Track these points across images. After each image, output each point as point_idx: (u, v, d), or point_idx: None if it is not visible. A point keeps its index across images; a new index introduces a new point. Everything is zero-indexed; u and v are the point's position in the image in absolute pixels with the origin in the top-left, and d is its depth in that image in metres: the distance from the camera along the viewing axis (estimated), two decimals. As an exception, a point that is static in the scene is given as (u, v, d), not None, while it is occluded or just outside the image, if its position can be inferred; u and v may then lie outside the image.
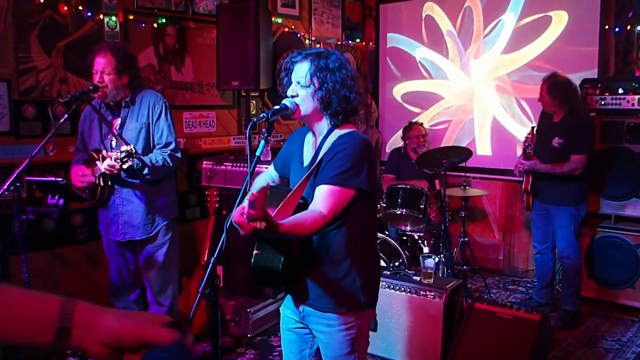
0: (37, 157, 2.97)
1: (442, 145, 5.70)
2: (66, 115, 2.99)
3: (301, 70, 2.13)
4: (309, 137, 2.29)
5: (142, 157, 3.14)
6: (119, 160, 2.95)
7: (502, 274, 5.70)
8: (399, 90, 6.35)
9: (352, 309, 2.14)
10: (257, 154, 2.08)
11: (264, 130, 2.13)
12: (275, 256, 1.99)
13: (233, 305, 4.26)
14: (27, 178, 3.32)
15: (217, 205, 4.23)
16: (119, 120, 3.30)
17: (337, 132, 2.14)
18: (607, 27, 4.95)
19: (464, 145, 5.65)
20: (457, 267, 4.89)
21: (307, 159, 2.23)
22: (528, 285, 5.35)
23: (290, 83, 2.17)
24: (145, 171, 3.18)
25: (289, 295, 2.31)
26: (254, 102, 5.37)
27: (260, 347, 4.08)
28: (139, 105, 3.31)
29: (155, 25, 4.60)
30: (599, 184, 4.62)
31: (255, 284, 4.26)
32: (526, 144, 4.47)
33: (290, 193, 1.98)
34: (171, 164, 3.29)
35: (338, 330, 2.14)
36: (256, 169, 2.17)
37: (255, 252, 2.02)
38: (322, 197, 2.00)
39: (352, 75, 2.14)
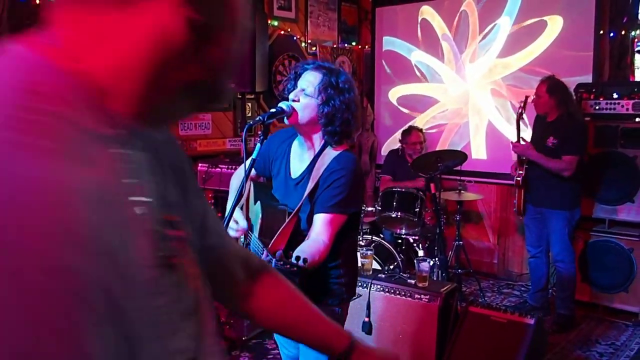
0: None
1: (437, 149, 5.71)
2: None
3: (310, 79, 2.14)
4: (296, 147, 2.29)
5: None
6: None
7: (496, 277, 5.71)
8: (395, 93, 6.36)
9: (338, 302, 2.28)
10: (253, 156, 2.09)
11: (259, 132, 2.13)
12: None
13: (228, 308, 4.25)
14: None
15: (212, 207, 4.23)
16: None
17: (332, 153, 2.17)
18: (601, 32, 4.98)
19: (459, 148, 5.66)
20: (452, 271, 4.90)
21: (296, 172, 2.25)
22: (522, 289, 5.36)
23: (295, 87, 2.18)
24: None
25: None
26: (249, 104, 5.37)
27: (255, 350, 4.07)
28: None
29: (151, 27, 4.59)
30: (593, 188, 4.64)
31: None
32: (519, 113, 4.56)
33: (291, 217, 2.09)
34: None
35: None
36: (251, 171, 2.17)
37: None
38: (324, 227, 2.08)
39: (356, 101, 2.19)
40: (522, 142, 4.48)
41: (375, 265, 4.15)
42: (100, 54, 0.65)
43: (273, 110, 2.15)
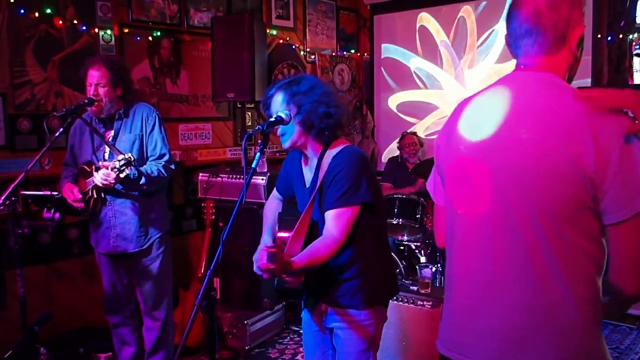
0: (32, 171, 2.96)
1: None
2: (62, 129, 2.98)
3: (277, 102, 2.23)
4: (305, 158, 2.38)
5: (138, 167, 3.14)
6: (116, 170, 2.94)
7: (499, 283, 5.69)
8: (394, 100, 6.37)
9: (370, 306, 2.26)
10: (253, 165, 2.08)
11: (259, 141, 2.13)
12: (296, 278, 2.09)
13: (230, 318, 4.24)
14: (22, 192, 3.32)
15: (213, 217, 4.22)
16: (111, 133, 3.28)
17: (331, 152, 2.22)
18: (599, 36, 4.99)
19: (459, 154, 5.66)
20: (455, 277, 4.88)
21: (308, 181, 2.34)
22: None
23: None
24: (142, 181, 3.16)
25: (309, 300, 2.42)
26: (249, 113, 5.38)
27: (258, 360, 4.06)
28: (132, 117, 3.30)
29: (150, 38, 4.61)
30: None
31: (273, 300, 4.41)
32: None
33: (300, 220, 2.12)
34: (165, 175, 3.28)
35: (357, 326, 2.27)
36: (252, 180, 2.17)
37: (277, 279, 2.09)
38: (332, 221, 2.13)
39: (327, 92, 2.22)
40: None
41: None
42: (560, 71, 1.53)
43: (272, 119, 2.15)
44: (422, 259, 4.71)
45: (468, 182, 1.54)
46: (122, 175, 2.98)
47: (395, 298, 3.71)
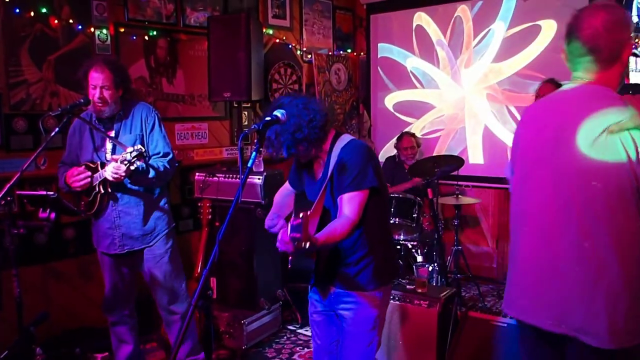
0: (28, 170, 2.95)
1: (434, 154, 5.72)
2: (57, 129, 2.97)
3: (272, 140, 2.40)
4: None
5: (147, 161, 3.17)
6: (126, 162, 2.97)
7: (496, 282, 5.70)
8: (391, 99, 6.37)
9: (375, 287, 2.47)
10: (249, 165, 2.08)
11: (255, 141, 2.13)
12: (309, 259, 2.38)
13: (227, 317, 4.24)
14: (18, 192, 3.30)
15: (210, 216, 4.21)
16: (112, 133, 3.29)
17: (338, 146, 2.43)
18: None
19: (456, 153, 5.67)
20: (451, 276, 4.89)
21: (318, 174, 2.54)
22: (522, 292, 5.34)
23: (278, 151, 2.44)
24: (151, 174, 3.19)
25: (317, 283, 2.60)
26: (245, 113, 5.38)
27: (255, 359, 4.05)
28: (132, 117, 3.32)
29: (146, 37, 4.60)
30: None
31: (283, 284, 4.53)
32: None
33: (314, 205, 2.28)
34: (170, 170, 3.31)
35: (363, 306, 2.46)
36: (248, 180, 2.17)
37: (290, 257, 2.38)
38: (346, 204, 2.33)
39: (301, 113, 2.35)
40: None
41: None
42: (613, 83, 1.85)
43: (268, 118, 2.16)
44: (419, 259, 4.72)
45: (534, 175, 1.88)
46: (132, 168, 3.01)
47: (392, 297, 3.72)
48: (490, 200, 5.76)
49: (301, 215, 1.92)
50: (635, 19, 4.80)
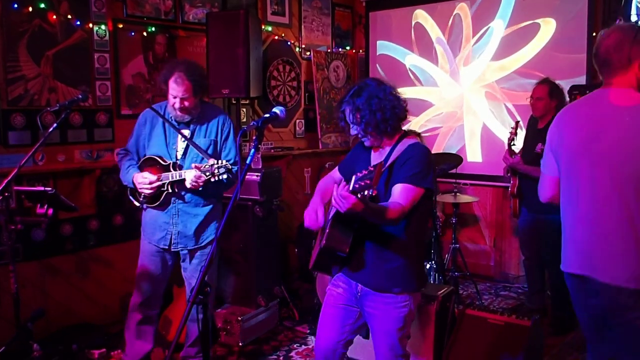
0: (26, 166, 2.95)
1: (432, 152, 5.71)
2: (55, 124, 2.97)
3: (347, 114, 2.53)
4: (375, 147, 2.63)
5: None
6: (208, 174, 3.02)
7: (493, 280, 5.71)
8: (389, 97, 6.36)
9: (407, 290, 2.50)
10: (248, 161, 2.09)
11: (254, 138, 2.13)
12: (345, 236, 2.38)
13: (224, 314, 4.24)
14: (15, 187, 3.31)
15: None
16: (186, 133, 3.32)
17: (405, 142, 2.52)
18: (594, 33, 4.99)
19: (454, 152, 5.67)
20: (449, 274, 4.90)
21: (375, 160, 2.56)
22: (519, 291, 5.36)
23: (349, 126, 2.55)
24: (223, 183, 3.21)
25: (340, 275, 2.65)
26: (244, 110, 5.37)
27: (252, 356, 4.06)
28: (208, 122, 3.37)
29: (144, 33, 4.59)
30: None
31: (311, 270, 4.48)
32: (510, 138, 4.52)
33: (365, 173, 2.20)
34: (233, 180, 3.30)
35: (394, 307, 2.49)
36: (246, 176, 2.17)
37: (327, 230, 2.40)
38: (401, 193, 2.36)
39: (383, 97, 2.47)
40: (512, 154, 4.48)
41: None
42: (632, 83, 2.29)
43: (267, 115, 2.18)
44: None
45: (577, 164, 2.36)
46: (212, 180, 3.06)
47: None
48: (488, 199, 5.76)
49: (370, 167, 2.00)
50: (634, 17, 4.80)
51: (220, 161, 3.05)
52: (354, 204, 2.07)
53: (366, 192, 2.00)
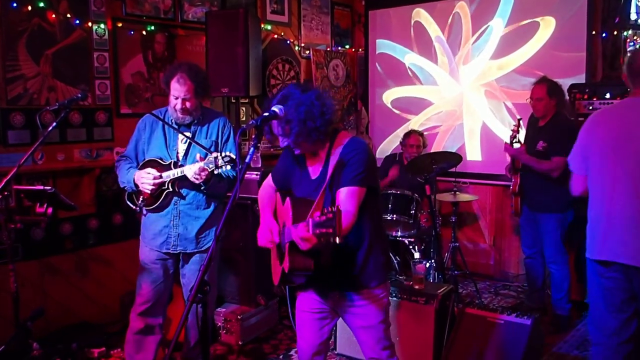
0: (25, 165, 2.95)
1: (432, 151, 5.71)
2: (54, 123, 2.96)
3: (274, 126, 2.39)
4: (309, 154, 2.52)
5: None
6: (212, 165, 2.98)
7: (493, 278, 5.71)
8: (389, 96, 6.37)
9: (381, 282, 2.53)
10: (247, 160, 2.09)
11: (253, 137, 2.13)
12: (307, 256, 2.30)
13: (224, 313, 4.24)
14: (15, 187, 3.30)
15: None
16: (187, 134, 3.31)
17: (341, 140, 2.44)
18: (594, 32, 4.99)
19: (454, 150, 5.67)
20: (448, 272, 4.90)
21: (315, 172, 2.49)
22: (519, 289, 5.36)
23: (277, 138, 2.44)
24: (225, 181, 3.22)
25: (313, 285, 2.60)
26: (243, 108, 5.37)
27: (252, 355, 4.06)
28: (209, 124, 3.35)
29: (144, 32, 4.59)
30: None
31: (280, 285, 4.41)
32: (512, 135, 4.52)
33: (315, 203, 2.23)
34: (233, 180, 3.29)
35: (374, 301, 2.52)
36: (246, 175, 2.17)
37: (287, 257, 2.32)
38: (347, 198, 2.33)
39: (314, 103, 2.34)
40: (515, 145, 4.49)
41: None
42: None
43: (266, 114, 2.17)
44: (416, 255, 4.72)
45: (606, 161, 2.73)
46: (216, 172, 3.05)
47: (389, 293, 3.72)
48: (487, 197, 5.76)
49: (333, 209, 1.94)
50: (634, 16, 4.79)
51: (223, 152, 3.02)
52: (315, 244, 2.07)
53: (331, 240, 1.97)
